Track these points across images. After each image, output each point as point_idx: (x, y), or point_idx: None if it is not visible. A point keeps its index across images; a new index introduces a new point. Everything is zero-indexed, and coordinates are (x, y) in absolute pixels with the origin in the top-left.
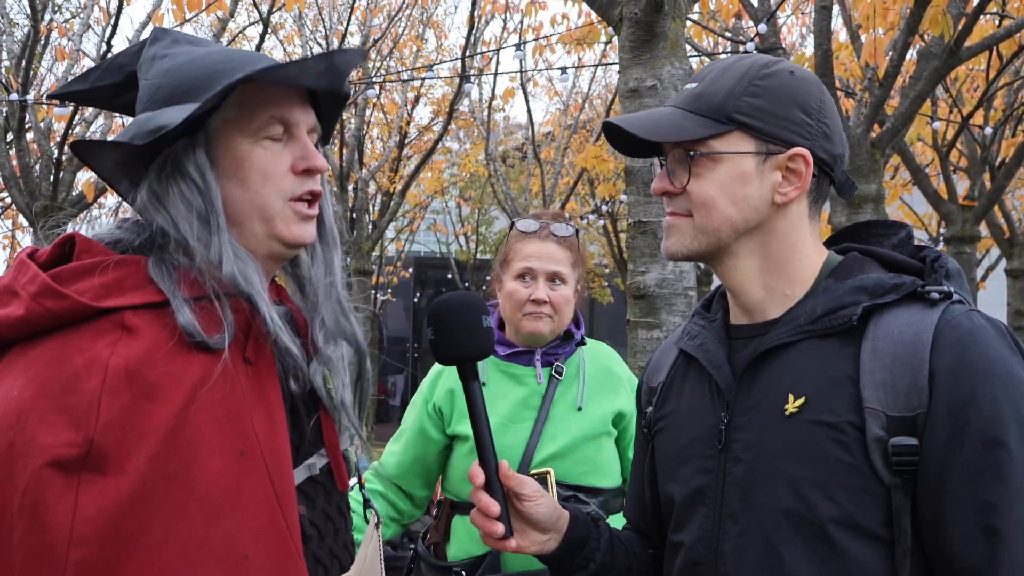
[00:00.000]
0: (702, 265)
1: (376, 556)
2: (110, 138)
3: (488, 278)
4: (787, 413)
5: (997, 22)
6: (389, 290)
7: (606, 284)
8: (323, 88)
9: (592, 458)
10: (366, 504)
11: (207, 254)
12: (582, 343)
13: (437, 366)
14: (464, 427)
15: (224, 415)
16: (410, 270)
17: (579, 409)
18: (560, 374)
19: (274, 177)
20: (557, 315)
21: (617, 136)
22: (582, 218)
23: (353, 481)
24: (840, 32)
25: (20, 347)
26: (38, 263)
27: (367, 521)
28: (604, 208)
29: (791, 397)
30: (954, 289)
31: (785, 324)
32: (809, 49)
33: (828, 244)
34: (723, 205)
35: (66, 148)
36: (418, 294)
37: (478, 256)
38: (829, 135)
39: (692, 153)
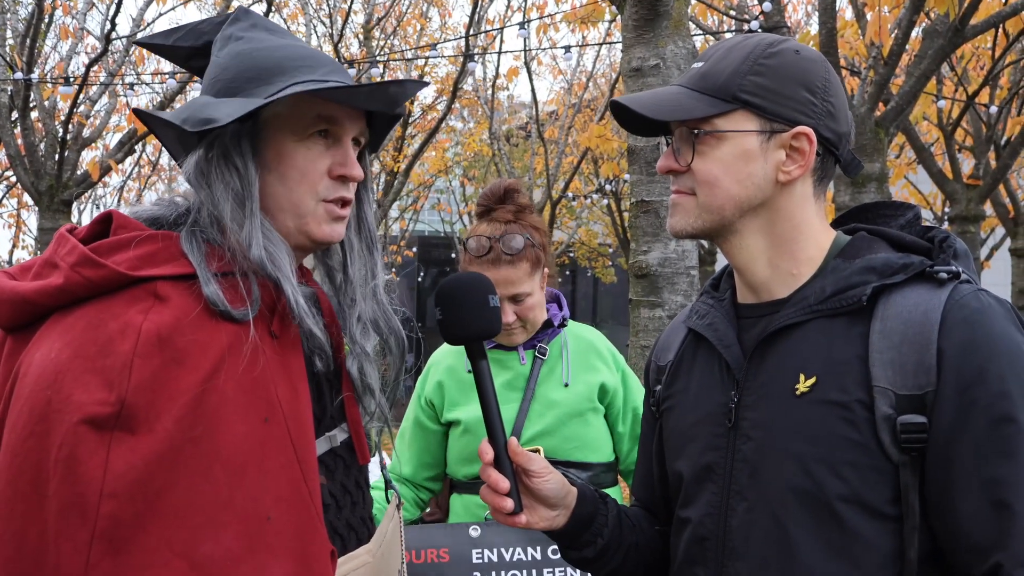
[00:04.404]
0: (705, 244)
1: (396, 535)
2: (164, 114)
3: None
4: (798, 392)
5: (1003, 0)
6: (393, 269)
7: (610, 264)
8: (374, 109)
9: (580, 434)
10: (387, 485)
11: (239, 234)
12: (564, 324)
13: (431, 359)
14: (455, 413)
15: (249, 383)
16: (414, 249)
17: (566, 385)
18: (544, 355)
19: (311, 177)
20: (529, 323)
21: (625, 115)
22: (586, 197)
23: (376, 472)
24: (845, 10)
25: (58, 314)
26: (77, 238)
27: (388, 502)
28: (608, 187)
29: (802, 377)
30: (962, 269)
31: (794, 304)
32: (814, 27)
33: (835, 225)
34: (727, 183)
35: (70, 126)
36: (422, 273)
37: None
38: (834, 114)
39: (696, 131)
